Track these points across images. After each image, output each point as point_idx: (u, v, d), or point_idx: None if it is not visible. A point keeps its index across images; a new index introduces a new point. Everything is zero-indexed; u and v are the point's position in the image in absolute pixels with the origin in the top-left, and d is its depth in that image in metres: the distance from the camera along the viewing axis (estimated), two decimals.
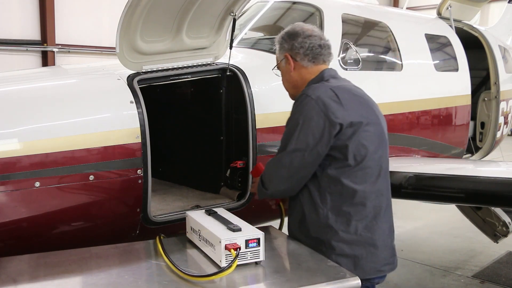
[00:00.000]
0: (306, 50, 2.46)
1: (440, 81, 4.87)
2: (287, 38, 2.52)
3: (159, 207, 3.06)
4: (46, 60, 12.49)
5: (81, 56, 13.02)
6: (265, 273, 2.03)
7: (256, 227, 2.21)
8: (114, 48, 2.78)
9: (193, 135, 3.59)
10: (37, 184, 2.40)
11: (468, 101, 5.08)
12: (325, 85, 2.37)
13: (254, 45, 4.05)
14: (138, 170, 2.66)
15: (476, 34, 5.83)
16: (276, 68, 2.64)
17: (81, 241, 2.52)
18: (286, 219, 2.64)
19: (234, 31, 3.13)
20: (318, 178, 2.32)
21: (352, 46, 4.08)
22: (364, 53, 4.39)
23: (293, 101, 2.49)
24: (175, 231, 2.72)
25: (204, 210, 2.47)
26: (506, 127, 6.29)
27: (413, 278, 4.94)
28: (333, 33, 3.92)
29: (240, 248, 1.99)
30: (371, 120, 2.34)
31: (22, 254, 2.23)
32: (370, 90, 4.16)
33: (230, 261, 1.96)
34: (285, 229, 2.62)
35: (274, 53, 3.72)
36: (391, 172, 3.55)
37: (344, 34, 4.03)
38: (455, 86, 5.03)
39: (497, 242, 4.82)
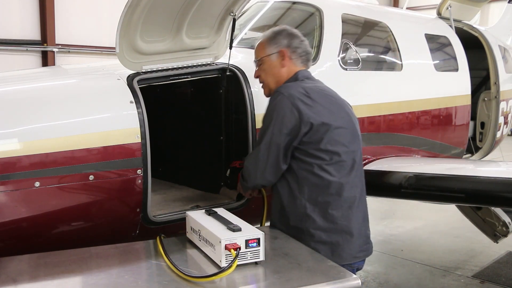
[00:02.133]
0: (302, 52, 2.66)
1: (440, 81, 4.87)
2: (286, 36, 2.64)
3: (159, 207, 3.06)
4: (46, 60, 12.50)
5: (81, 56, 13.03)
6: (265, 273, 2.03)
7: (256, 227, 2.21)
8: (114, 48, 2.78)
9: (193, 135, 3.59)
10: (37, 184, 2.40)
11: (468, 101, 5.08)
12: (299, 84, 2.53)
13: (254, 45, 4.04)
14: (138, 170, 2.66)
15: (476, 34, 5.83)
16: (258, 60, 2.70)
17: (81, 241, 2.51)
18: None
19: (234, 31, 3.13)
20: (295, 170, 2.49)
21: (352, 46, 4.08)
22: (364, 53, 4.39)
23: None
24: (175, 231, 2.72)
25: (204, 210, 2.47)
26: (506, 127, 6.29)
27: (413, 278, 4.94)
28: (333, 33, 3.93)
29: (240, 248, 1.99)
30: (342, 119, 2.52)
31: (22, 254, 2.23)
32: (370, 90, 4.17)
33: (230, 261, 1.96)
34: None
35: None
36: (391, 172, 3.57)
37: (344, 34, 4.03)
38: (455, 86, 5.03)
39: (497, 242, 4.82)
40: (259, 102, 3.18)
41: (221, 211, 2.42)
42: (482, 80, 6.23)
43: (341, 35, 3.99)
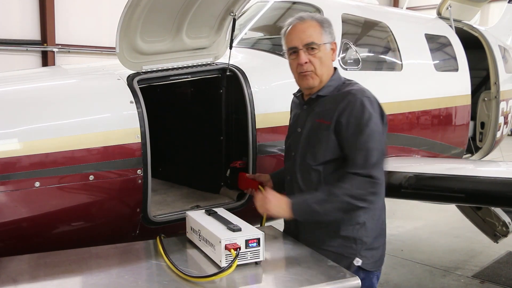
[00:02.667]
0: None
1: (440, 81, 4.87)
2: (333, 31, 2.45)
3: (159, 207, 3.06)
4: (46, 60, 12.50)
5: (81, 56, 13.03)
6: (265, 273, 2.03)
7: (256, 227, 2.21)
8: (114, 48, 2.78)
9: (193, 135, 3.59)
10: (37, 184, 2.40)
11: (468, 101, 5.08)
12: (358, 85, 2.40)
13: (254, 45, 4.05)
14: (138, 170, 2.66)
15: (476, 34, 5.83)
16: (312, 44, 2.34)
17: (81, 241, 2.51)
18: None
19: (234, 31, 3.13)
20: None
21: (352, 46, 4.08)
22: (364, 53, 4.39)
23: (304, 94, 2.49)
24: (175, 231, 2.72)
25: (204, 210, 2.47)
26: (506, 127, 6.29)
27: (413, 278, 4.94)
28: None
29: (240, 248, 1.99)
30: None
31: (22, 254, 2.23)
32: (370, 90, 4.13)
33: (230, 261, 1.96)
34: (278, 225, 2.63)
35: (273, 53, 3.77)
36: (391, 172, 3.57)
37: (344, 34, 4.03)
38: (455, 86, 5.03)
39: (497, 242, 4.83)
40: (259, 102, 3.18)
41: (221, 211, 2.42)
42: (482, 80, 6.22)
43: (341, 35, 3.99)
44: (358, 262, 2.33)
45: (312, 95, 2.44)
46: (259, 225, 2.73)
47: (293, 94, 2.67)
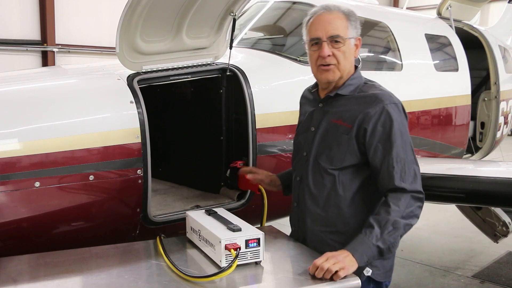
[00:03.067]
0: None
1: (440, 81, 4.87)
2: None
3: (159, 207, 3.06)
4: (46, 60, 12.50)
5: (81, 56, 13.03)
6: (265, 273, 2.03)
7: (256, 227, 2.21)
8: (114, 48, 2.78)
9: (193, 135, 3.59)
10: (37, 184, 2.40)
11: (468, 101, 5.08)
12: (383, 88, 2.30)
13: (254, 45, 4.05)
14: (138, 170, 2.66)
15: (476, 34, 5.83)
16: (337, 37, 2.20)
17: (81, 241, 2.52)
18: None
19: (234, 31, 3.13)
20: (372, 186, 2.23)
21: None
22: (364, 53, 4.39)
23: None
24: (175, 231, 2.72)
25: (204, 210, 2.47)
26: (506, 127, 6.29)
27: (413, 278, 4.94)
28: None
29: (240, 248, 1.99)
30: None
31: (22, 254, 2.23)
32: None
33: (230, 261, 1.96)
34: (280, 225, 2.63)
35: (273, 53, 3.77)
36: None
37: None
38: (455, 86, 5.03)
39: (497, 242, 4.83)
40: (259, 102, 3.18)
41: (221, 211, 2.42)
42: (482, 80, 6.22)
43: None
44: (368, 272, 2.20)
45: (331, 93, 2.30)
46: (259, 225, 2.73)
47: (308, 88, 2.52)
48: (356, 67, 2.33)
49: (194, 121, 3.57)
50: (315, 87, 2.44)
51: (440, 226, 6.55)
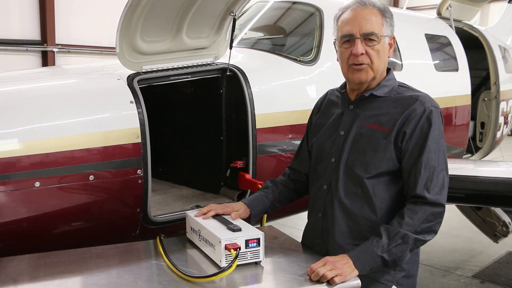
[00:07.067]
0: None
1: (440, 81, 4.87)
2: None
3: (159, 207, 3.06)
4: (46, 60, 12.49)
5: (81, 56, 13.03)
6: (265, 273, 2.03)
7: (256, 227, 2.21)
8: (114, 48, 2.78)
9: (193, 135, 3.59)
10: (37, 184, 2.40)
11: (468, 101, 5.08)
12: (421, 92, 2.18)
13: (254, 45, 4.05)
14: (138, 170, 2.66)
15: (476, 34, 5.83)
16: (372, 35, 2.06)
17: (81, 241, 2.51)
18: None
19: (234, 31, 3.13)
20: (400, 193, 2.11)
21: None
22: None
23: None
24: (175, 231, 2.72)
25: None
26: (506, 127, 6.30)
27: None
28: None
29: (240, 248, 1.99)
30: None
31: (22, 254, 2.23)
32: None
33: (230, 261, 1.95)
34: (286, 228, 2.63)
35: (273, 53, 3.77)
36: None
37: None
38: (455, 86, 5.03)
39: (497, 242, 4.83)
40: (259, 102, 3.18)
41: None
42: (482, 80, 6.23)
43: None
44: None
45: (365, 92, 2.14)
46: (259, 225, 2.73)
47: (336, 90, 2.33)
48: (389, 69, 2.20)
49: (194, 121, 3.57)
50: (343, 88, 2.26)
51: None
